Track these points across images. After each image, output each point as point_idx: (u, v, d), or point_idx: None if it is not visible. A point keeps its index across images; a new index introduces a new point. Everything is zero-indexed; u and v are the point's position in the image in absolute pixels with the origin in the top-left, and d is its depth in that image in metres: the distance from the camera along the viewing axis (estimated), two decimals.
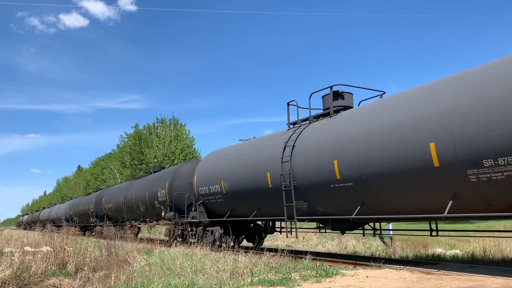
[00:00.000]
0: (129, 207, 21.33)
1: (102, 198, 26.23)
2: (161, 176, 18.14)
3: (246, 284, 6.39)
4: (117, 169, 49.86)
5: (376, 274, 7.01)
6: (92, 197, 29.98)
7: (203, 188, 14.20)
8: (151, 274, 8.30)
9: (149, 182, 19.72)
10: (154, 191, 18.14)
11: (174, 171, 17.09)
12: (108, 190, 27.58)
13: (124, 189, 22.84)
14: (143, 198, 19.43)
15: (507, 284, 5.86)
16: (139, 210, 20.23)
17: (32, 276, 8.26)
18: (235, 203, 12.68)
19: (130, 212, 21.47)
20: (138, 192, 20.25)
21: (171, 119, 42.34)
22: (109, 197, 25.04)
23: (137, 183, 21.67)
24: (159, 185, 17.65)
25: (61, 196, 77.00)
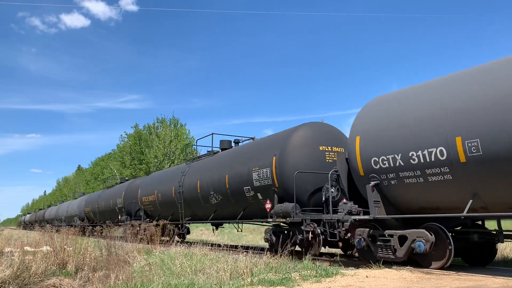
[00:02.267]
0: (191, 199, 15.56)
1: (138, 190, 20.71)
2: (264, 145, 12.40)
3: (246, 284, 6.39)
4: (117, 169, 49.87)
5: (376, 274, 7.01)
6: (119, 189, 24.48)
7: None
8: (151, 274, 8.30)
9: (233, 157, 13.47)
10: (248, 170, 12.11)
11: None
12: (148, 178, 21.61)
13: (178, 174, 17.00)
14: (217, 184, 13.56)
15: (507, 284, 5.86)
16: (208, 203, 14.44)
17: (32, 276, 8.26)
18: None
19: (190, 206, 15.90)
20: (207, 175, 14.24)
21: (171, 119, 42.38)
22: (151, 187, 19.22)
23: (205, 164, 15.40)
24: (267, 157, 11.41)
25: (61, 196, 76.93)
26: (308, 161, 10.47)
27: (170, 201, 17.02)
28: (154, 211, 18.91)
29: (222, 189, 13.34)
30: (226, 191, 13.09)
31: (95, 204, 28.41)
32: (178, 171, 17.45)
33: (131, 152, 43.95)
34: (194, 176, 15.46)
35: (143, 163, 40.56)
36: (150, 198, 18.88)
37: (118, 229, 23.42)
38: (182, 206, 16.29)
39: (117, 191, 24.74)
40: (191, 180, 15.58)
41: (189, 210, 16.02)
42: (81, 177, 77.80)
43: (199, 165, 15.85)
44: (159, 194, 17.99)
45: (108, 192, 27.02)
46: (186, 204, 15.95)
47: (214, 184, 13.73)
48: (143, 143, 42.55)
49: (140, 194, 20.04)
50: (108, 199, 25.68)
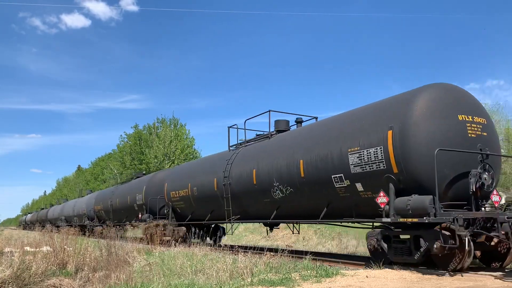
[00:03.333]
0: (242, 192, 12.43)
1: (164, 184, 17.48)
2: None
3: (246, 284, 6.39)
4: (117, 169, 49.89)
5: (376, 274, 7.01)
6: (139, 184, 20.80)
7: None
8: (151, 274, 8.30)
9: (310, 137, 10.61)
10: (339, 152, 9.09)
11: None
12: (177, 170, 18.53)
13: (221, 163, 13.63)
14: (284, 173, 10.67)
15: (507, 284, 5.86)
16: (268, 197, 11.43)
17: (32, 276, 8.27)
18: None
19: (240, 202, 12.70)
20: (268, 162, 11.35)
21: (171, 119, 42.37)
22: (183, 180, 16.05)
23: (261, 148, 12.40)
24: (376, 131, 8.62)
25: (61, 196, 76.94)
26: (447, 136, 7.54)
27: (211, 196, 13.93)
28: (186, 208, 15.88)
29: (293, 179, 10.28)
30: (301, 182, 10.02)
31: (108, 201, 24.83)
32: (221, 159, 14.04)
33: (131, 152, 43.95)
34: (246, 163, 12.25)
35: (143, 163, 40.55)
36: (181, 193, 15.85)
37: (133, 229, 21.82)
38: (229, 202, 12.89)
39: (137, 186, 20.97)
40: (241, 169, 12.40)
41: (237, 207, 12.82)
42: (81, 177, 77.81)
43: (252, 150, 12.63)
44: (194, 188, 14.82)
45: (125, 188, 23.32)
46: (235, 200, 12.79)
47: (279, 173, 10.68)
48: (143, 143, 42.55)
49: (168, 189, 16.97)
50: (125, 195, 22.11)
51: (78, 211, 32.06)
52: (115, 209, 23.77)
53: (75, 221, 33.67)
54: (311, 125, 11.51)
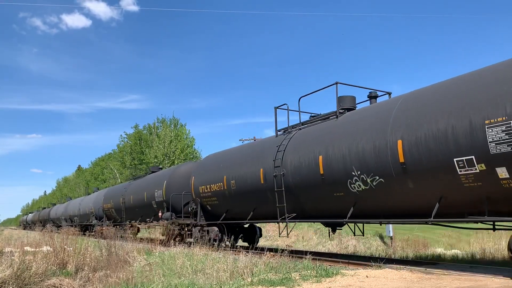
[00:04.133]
0: (302, 185, 10.28)
1: (189, 177, 15.44)
2: None
3: (246, 284, 6.39)
4: (117, 169, 49.89)
5: (376, 274, 7.01)
6: (158, 178, 18.41)
7: None
8: (151, 274, 8.31)
9: (410, 109, 8.10)
10: (468, 126, 6.84)
11: None
12: (207, 161, 15.49)
13: (270, 150, 11.52)
14: (368, 158, 8.48)
15: (507, 284, 5.86)
16: (341, 190, 9.26)
17: (32, 276, 8.27)
18: None
19: (296, 197, 10.52)
20: (342, 146, 9.14)
21: (172, 119, 42.41)
22: (215, 172, 13.74)
23: (327, 129, 10.06)
24: None
25: (61, 196, 76.91)
26: None
27: (255, 191, 11.70)
28: (219, 205, 13.60)
29: (385, 166, 8.03)
30: (397, 169, 7.80)
31: (120, 198, 22.72)
32: (268, 146, 11.78)
33: (131, 152, 43.99)
34: (307, 150, 10.03)
35: (143, 163, 40.57)
36: (213, 188, 13.56)
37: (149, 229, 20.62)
38: (282, 198, 10.61)
39: (155, 181, 18.67)
40: (300, 156, 10.17)
41: (293, 203, 10.59)
42: (81, 177, 77.83)
43: (313, 134, 10.39)
44: (231, 181, 12.61)
45: (140, 183, 21.08)
46: (290, 194, 10.52)
47: (362, 159, 8.49)
48: (143, 143, 42.58)
49: (195, 183, 14.73)
50: (140, 191, 19.94)
51: (85, 210, 30.14)
52: (128, 207, 21.64)
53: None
54: (408, 96, 8.45)
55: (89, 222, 28.40)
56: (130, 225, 20.78)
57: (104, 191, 28.47)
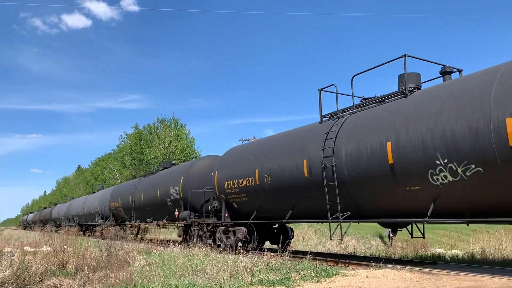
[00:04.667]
0: (361, 178, 8.78)
1: (214, 172, 13.79)
2: None
3: (246, 284, 6.39)
4: (117, 169, 49.89)
5: (376, 274, 7.01)
6: (174, 174, 17.03)
7: None
8: (151, 274, 8.30)
9: None
10: None
11: None
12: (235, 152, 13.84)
13: (313, 138, 10.12)
14: (462, 142, 7.01)
15: (507, 284, 5.86)
16: (416, 184, 7.90)
17: (32, 276, 8.26)
18: None
19: (355, 192, 9.05)
20: (421, 130, 7.64)
21: (172, 119, 42.42)
22: (246, 164, 12.22)
23: (397, 111, 8.49)
24: None
25: (61, 196, 76.88)
26: None
27: (295, 186, 10.25)
28: (249, 202, 12.15)
29: (483, 152, 6.63)
30: (503, 155, 6.36)
31: (129, 196, 21.19)
32: (312, 133, 10.28)
33: (131, 152, 43.99)
34: (368, 135, 8.56)
35: (143, 163, 40.59)
36: (242, 183, 12.10)
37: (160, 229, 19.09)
38: (334, 193, 8.97)
39: (170, 177, 17.21)
40: (359, 143, 8.65)
41: (346, 199, 9.03)
42: (81, 177, 77.83)
43: (373, 116, 8.87)
44: (265, 174, 11.14)
45: (152, 180, 19.60)
46: (343, 189, 8.99)
47: (451, 144, 7.05)
48: (143, 143, 42.60)
49: (219, 178, 13.24)
50: (152, 188, 18.56)
51: (89, 209, 28.49)
52: (138, 206, 20.12)
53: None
54: None
55: (94, 222, 26.87)
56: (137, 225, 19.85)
57: (110, 189, 26.88)
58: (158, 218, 17.68)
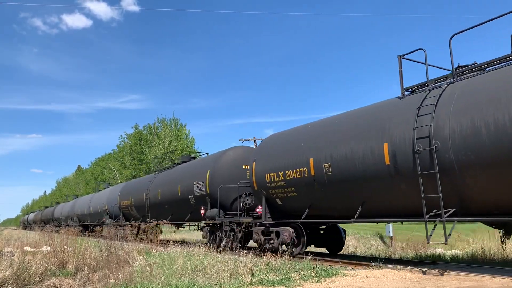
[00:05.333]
0: (469, 163, 6.75)
1: (250, 163, 12.07)
2: None
3: (246, 284, 6.39)
4: (117, 169, 49.89)
5: (376, 274, 7.01)
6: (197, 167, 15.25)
7: None
8: (151, 274, 8.30)
9: None
10: None
11: None
12: (274, 140, 12.02)
13: (388, 117, 8.28)
14: None
15: (507, 284, 5.85)
16: None
17: (32, 276, 8.26)
18: None
19: (452, 182, 7.11)
20: None
21: (172, 119, 42.45)
22: (294, 153, 10.42)
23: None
24: None
25: (61, 196, 76.83)
26: None
27: (372, 176, 8.28)
28: (299, 198, 10.34)
29: None
30: None
31: (142, 193, 19.23)
32: (394, 110, 8.24)
33: (131, 152, 44.01)
34: (489, 108, 6.52)
35: (143, 163, 40.60)
36: (291, 175, 10.29)
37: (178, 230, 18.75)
38: (435, 184, 7.01)
39: (194, 170, 15.30)
40: (476, 118, 6.61)
41: (448, 193, 7.07)
42: (81, 177, 77.80)
43: (493, 84, 6.69)
44: (325, 164, 9.29)
45: (171, 175, 17.53)
46: (446, 179, 7.04)
47: None
48: (143, 143, 42.61)
49: (258, 170, 11.49)
50: (172, 184, 16.58)
51: (96, 208, 26.57)
52: (154, 203, 18.10)
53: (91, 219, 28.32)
54: None
55: (101, 222, 24.78)
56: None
57: (120, 186, 24.88)
58: (178, 217, 16.08)
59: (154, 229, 17.86)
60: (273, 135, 12.45)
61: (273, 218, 11.18)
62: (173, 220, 17.02)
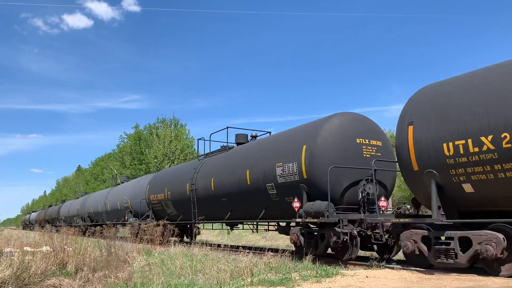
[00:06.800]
0: None
1: (405, 124, 7.67)
2: None
3: (246, 284, 6.38)
4: (117, 169, 49.86)
5: (376, 274, 7.01)
6: (287, 141, 11.06)
7: None
8: (151, 274, 8.30)
9: None
10: None
11: None
12: (452, 84, 7.50)
13: None
14: None
15: (507, 284, 5.85)
16: None
17: (32, 276, 8.25)
18: None
19: None
20: None
21: (172, 119, 42.43)
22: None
23: None
24: None
25: (61, 196, 76.78)
26: None
27: None
28: None
29: None
30: None
31: (185, 184, 15.25)
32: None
33: (131, 152, 43.98)
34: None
35: (143, 163, 40.58)
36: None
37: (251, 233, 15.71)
38: None
39: (275, 147, 11.32)
40: None
41: None
42: (81, 177, 77.76)
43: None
44: None
45: (231, 157, 13.43)
46: None
47: None
48: (143, 143, 42.59)
49: (420, 138, 7.33)
50: (235, 169, 12.58)
51: (115, 204, 22.67)
52: (203, 197, 14.18)
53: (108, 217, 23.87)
54: None
55: (122, 220, 21.34)
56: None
57: (148, 178, 20.77)
58: (243, 214, 12.51)
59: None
60: (444, 82, 7.73)
61: (448, 216, 7.20)
62: (233, 218, 12.99)
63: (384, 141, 10.32)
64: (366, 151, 9.78)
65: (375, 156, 9.74)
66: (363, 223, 9.02)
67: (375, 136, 10.21)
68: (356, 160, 9.64)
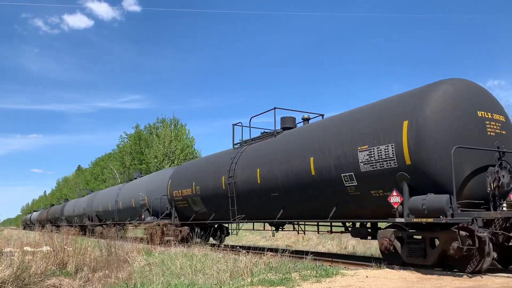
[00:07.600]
0: None
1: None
2: None
3: (246, 284, 6.38)
4: (117, 169, 49.88)
5: (376, 274, 7.01)
6: (368, 116, 8.46)
7: None
8: (151, 274, 8.30)
9: None
10: None
11: None
12: None
13: None
14: None
15: (507, 284, 5.85)
16: None
17: (32, 276, 8.26)
18: None
19: None
20: None
21: (172, 119, 42.45)
22: None
23: None
24: None
25: (61, 196, 76.79)
26: None
27: None
28: None
29: None
30: None
31: (219, 177, 13.05)
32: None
33: (131, 152, 43.98)
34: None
35: (143, 163, 40.59)
36: None
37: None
38: None
39: (359, 125, 8.56)
40: None
41: None
42: (81, 177, 77.77)
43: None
44: None
45: (284, 142, 11.04)
46: None
47: None
48: (143, 143, 42.59)
49: None
50: (292, 156, 10.19)
51: (129, 202, 20.47)
52: (245, 192, 11.82)
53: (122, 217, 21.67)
54: None
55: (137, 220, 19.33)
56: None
57: (170, 171, 18.43)
58: (299, 212, 10.37)
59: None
60: None
61: None
62: (285, 217, 10.85)
63: (506, 117, 8.04)
64: (490, 127, 7.50)
65: (499, 134, 7.51)
66: (497, 224, 6.84)
67: (498, 109, 7.88)
68: (479, 139, 7.35)
